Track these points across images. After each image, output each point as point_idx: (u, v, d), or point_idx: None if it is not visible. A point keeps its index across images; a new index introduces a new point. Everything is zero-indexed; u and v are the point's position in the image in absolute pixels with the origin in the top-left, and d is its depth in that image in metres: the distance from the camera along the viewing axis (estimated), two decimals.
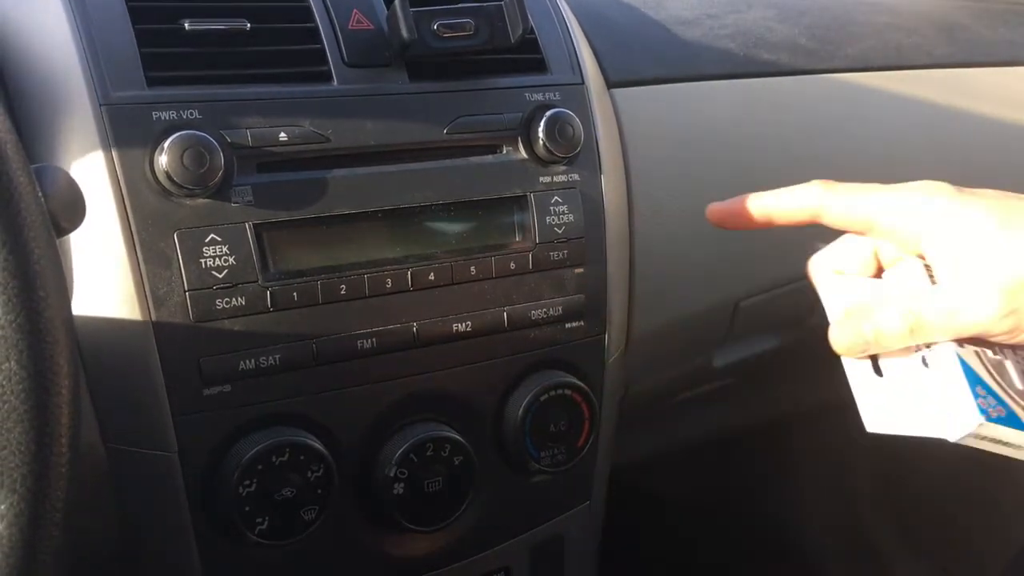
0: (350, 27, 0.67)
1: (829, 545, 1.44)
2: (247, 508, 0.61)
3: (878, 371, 0.56)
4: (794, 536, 1.44)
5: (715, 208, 0.63)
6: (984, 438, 0.50)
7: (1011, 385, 0.51)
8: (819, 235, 0.91)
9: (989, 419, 0.49)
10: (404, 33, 0.65)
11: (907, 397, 0.54)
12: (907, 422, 0.53)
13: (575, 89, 0.74)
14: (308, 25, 0.66)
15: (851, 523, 1.43)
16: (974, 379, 0.51)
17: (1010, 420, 0.50)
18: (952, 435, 0.50)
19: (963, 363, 0.51)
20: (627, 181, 0.79)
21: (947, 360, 0.52)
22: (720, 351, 0.97)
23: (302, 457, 0.62)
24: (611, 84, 0.81)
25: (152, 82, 0.61)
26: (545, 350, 0.72)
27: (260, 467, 0.61)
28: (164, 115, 0.60)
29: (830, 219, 0.57)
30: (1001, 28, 1.08)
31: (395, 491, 0.67)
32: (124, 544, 0.65)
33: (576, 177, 0.73)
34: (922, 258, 0.55)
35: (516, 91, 0.72)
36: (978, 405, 0.49)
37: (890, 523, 1.40)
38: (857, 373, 0.56)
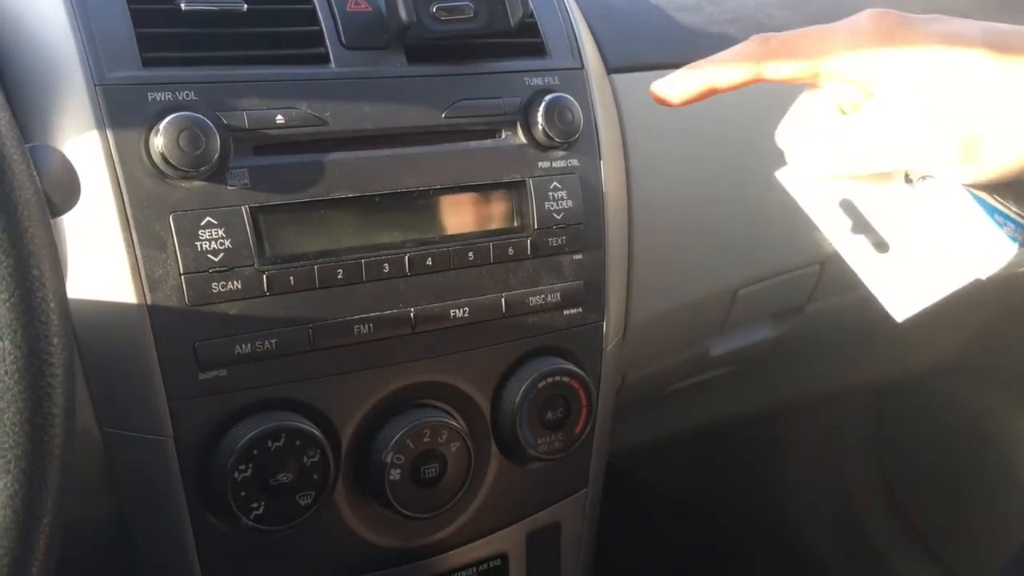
0: (348, 9, 0.66)
1: (826, 535, 1.44)
2: (243, 493, 0.61)
3: (882, 247, 0.52)
4: (791, 525, 1.45)
5: (656, 85, 0.59)
6: (1014, 266, 0.48)
7: (1009, 205, 0.49)
8: None
9: (1021, 244, 0.48)
10: (403, 16, 0.65)
11: (923, 256, 0.50)
12: (933, 284, 0.50)
13: (575, 74, 0.74)
14: (306, 7, 0.66)
15: (848, 513, 1.43)
16: (990, 209, 0.48)
17: None
18: (987, 272, 0.48)
19: (974, 196, 0.49)
20: (626, 167, 0.79)
21: (959, 198, 0.49)
22: (718, 339, 0.97)
23: (298, 442, 0.62)
24: (611, 69, 0.80)
25: (148, 63, 0.60)
26: (543, 336, 0.72)
27: (256, 452, 0.61)
28: (160, 96, 0.59)
29: (773, 72, 0.54)
30: (999, 16, 1.08)
31: (391, 477, 0.66)
32: (119, 529, 0.65)
33: (575, 163, 0.72)
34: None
35: (515, 75, 0.71)
36: (1005, 234, 0.48)
37: (888, 510, 1.40)
38: (863, 261, 0.52)
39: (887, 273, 0.52)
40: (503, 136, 0.71)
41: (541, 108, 0.70)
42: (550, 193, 0.71)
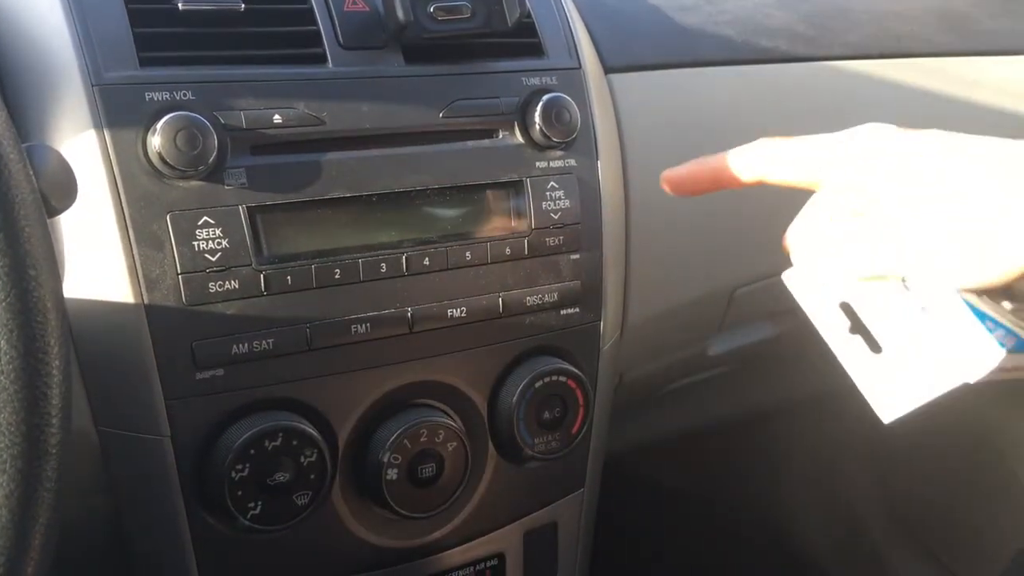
0: (346, 9, 0.66)
1: (825, 535, 1.44)
2: (240, 493, 0.61)
3: (875, 347, 0.53)
4: (788, 525, 1.45)
5: (668, 175, 0.61)
6: (1002, 370, 0.49)
7: (1003, 309, 0.50)
8: None
9: (1009, 350, 0.47)
10: (400, 15, 0.65)
11: (914, 359, 0.51)
12: (921, 387, 0.50)
13: (572, 74, 0.74)
14: (303, 6, 0.66)
15: (847, 513, 1.43)
16: (981, 315, 0.49)
17: (1020, 345, 0.48)
18: (975, 376, 0.49)
19: (967, 302, 0.49)
20: (624, 167, 0.79)
21: (951, 303, 0.49)
22: (715, 339, 0.97)
23: (295, 442, 0.62)
24: (608, 69, 0.80)
25: (145, 62, 0.60)
26: (540, 336, 0.72)
27: (253, 452, 0.61)
28: (157, 96, 0.59)
29: (776, 176, 0.56)
30: (1002, 17, 1.08)
31: (388, 476, 0.66)
32: (115, 529, 0.65)
33: (572, 162, 0.72)
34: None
35: (513, 75, 0.71)
36: (995, 339, 0.48)
37: (887, 512, 1.40)
38: (856, 362, 0.53)
39: (878, 375, 0.52)
40: (500, 136, 0.71)
41: (538, 108, 0.70)
42: (547, 193, 0.71)
